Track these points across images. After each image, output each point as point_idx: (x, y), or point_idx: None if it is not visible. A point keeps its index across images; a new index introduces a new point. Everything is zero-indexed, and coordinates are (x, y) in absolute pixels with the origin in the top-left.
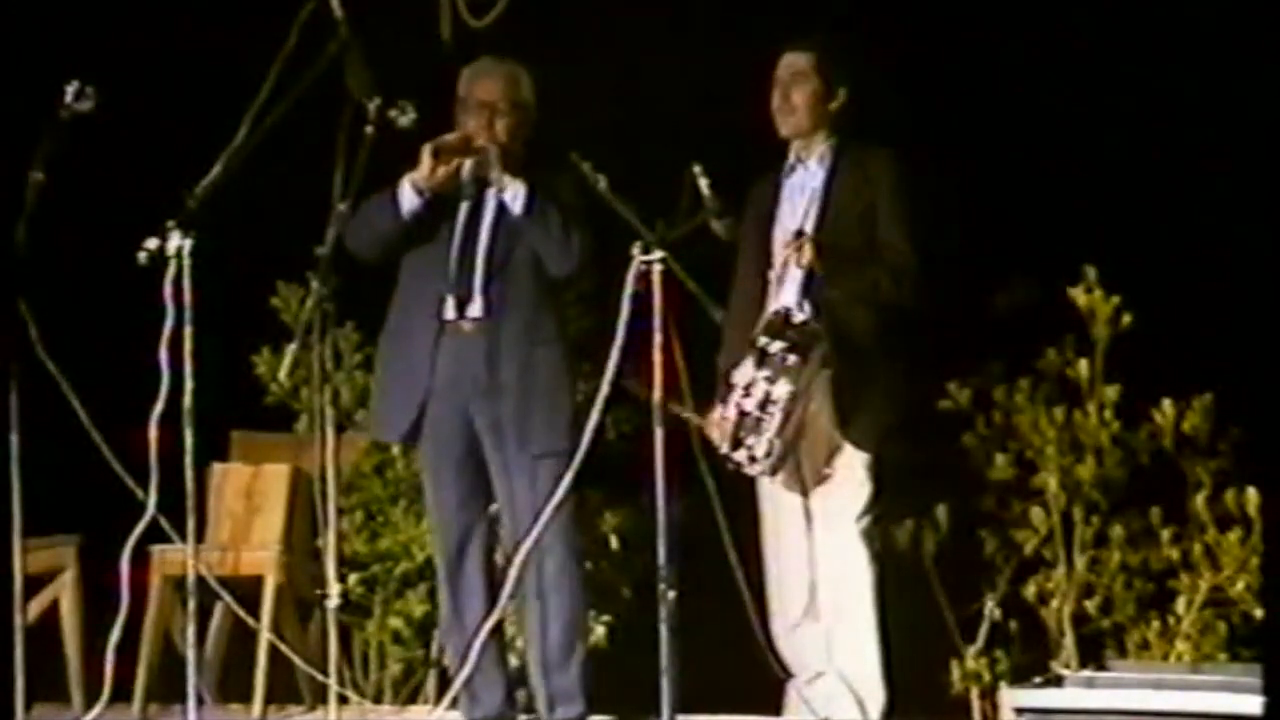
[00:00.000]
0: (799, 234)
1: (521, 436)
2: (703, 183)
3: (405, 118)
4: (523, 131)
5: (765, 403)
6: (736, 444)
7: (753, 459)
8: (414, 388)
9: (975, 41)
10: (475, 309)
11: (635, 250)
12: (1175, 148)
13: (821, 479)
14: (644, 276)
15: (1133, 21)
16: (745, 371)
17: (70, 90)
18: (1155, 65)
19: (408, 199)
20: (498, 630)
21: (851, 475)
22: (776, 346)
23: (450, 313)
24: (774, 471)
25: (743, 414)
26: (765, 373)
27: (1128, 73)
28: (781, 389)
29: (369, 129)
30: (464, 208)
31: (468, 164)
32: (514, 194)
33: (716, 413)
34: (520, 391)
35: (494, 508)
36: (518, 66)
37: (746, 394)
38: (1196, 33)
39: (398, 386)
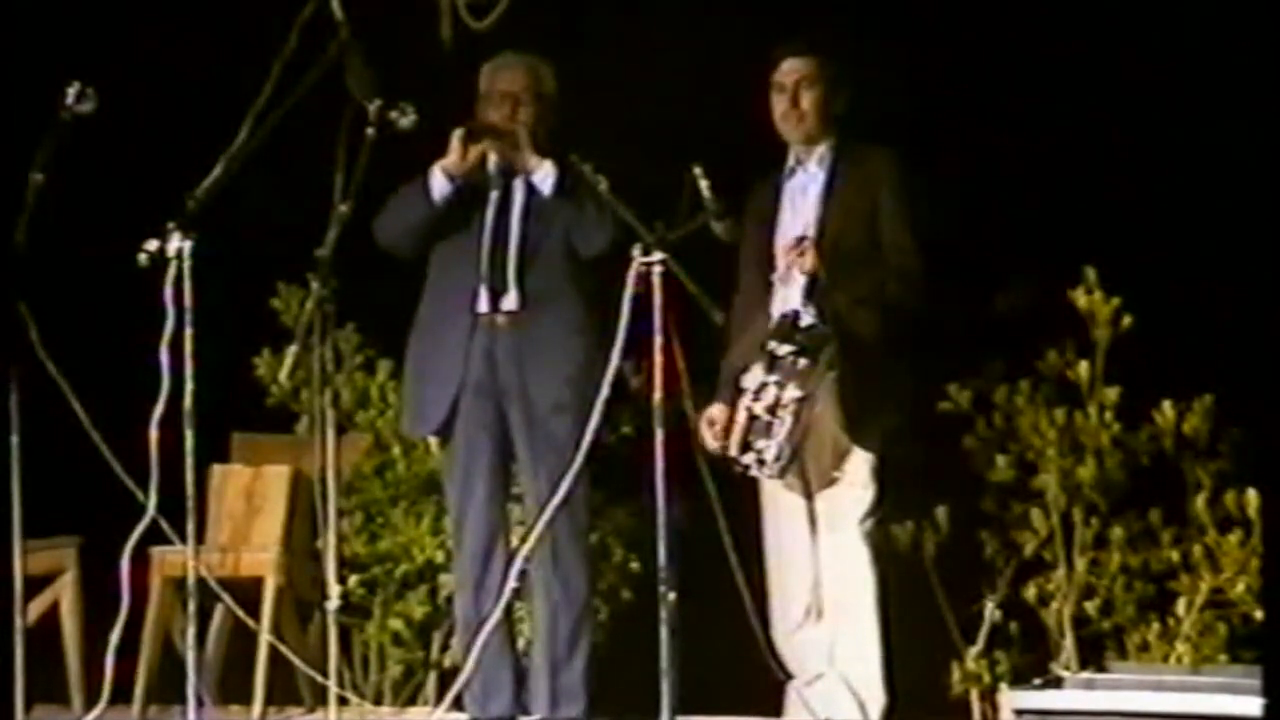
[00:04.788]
0: (800, 239)
1: (559, 430)
2: (703, 184)
3: (406, 119)
4: (547, 121)
5: (775, 407)
6: (745, 447)
7: (761, 462)
8: (447, 382)
9: (975, 41)
10: (509, 302)
11: (635, 251)
12: (1175, 148)
13: (827, 481)
14: (644, 278)
15: (1133, 22)
16: (755, 375)
17: (71, 91)
18: (1155, 66)
19: (439, 185)
20: (511, 630)
21: (856, 477)
22: (785, 350)
23: (483, 305)
24: (781, 474)
25: (752, 418)
26: (775, 377)
27: (1128, 73)
28: (791, 393)
29: (369, 130)
30: (493, 198)
31: (494, 153)
32: (544, 175)
33: (712, 411)
34: (556, 385)
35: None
36: (539, 59)
37: (756, 398)
38: (1196, 33)
39: (430, 380)
